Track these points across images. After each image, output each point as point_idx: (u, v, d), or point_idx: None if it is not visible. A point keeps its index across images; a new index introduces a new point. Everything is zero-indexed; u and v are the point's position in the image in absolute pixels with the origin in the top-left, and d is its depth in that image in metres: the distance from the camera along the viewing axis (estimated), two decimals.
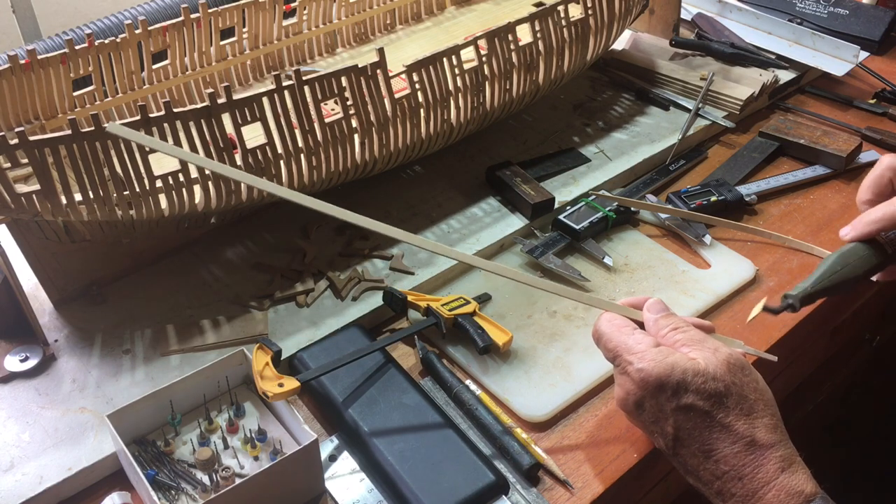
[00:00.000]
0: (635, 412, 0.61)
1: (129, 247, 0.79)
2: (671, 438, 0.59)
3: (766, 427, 0.58)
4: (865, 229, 0.70)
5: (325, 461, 0.65)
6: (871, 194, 0.73)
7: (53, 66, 0.83)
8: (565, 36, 0.91)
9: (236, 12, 0.95)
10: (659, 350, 0.60)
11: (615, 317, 0.64)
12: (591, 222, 0.85)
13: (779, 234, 0.88)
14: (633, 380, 0.60)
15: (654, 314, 0.64)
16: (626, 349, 0.61)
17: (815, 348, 0.94)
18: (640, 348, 0.60)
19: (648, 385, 0.59)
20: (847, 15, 1.21)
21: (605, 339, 0.63)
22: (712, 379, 0.58)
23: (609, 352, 0.63)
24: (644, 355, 0.60)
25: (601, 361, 0.73)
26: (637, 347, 0.60)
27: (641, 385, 0.59)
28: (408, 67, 0.80)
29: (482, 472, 0.62)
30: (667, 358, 0.59)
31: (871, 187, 0.73)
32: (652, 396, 0.59)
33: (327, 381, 0.69)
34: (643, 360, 0.59)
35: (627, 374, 0.60)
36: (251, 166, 0.72)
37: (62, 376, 0.71)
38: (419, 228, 0.87)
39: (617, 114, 1.06)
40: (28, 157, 0.63)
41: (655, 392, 0.59)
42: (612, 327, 0.63)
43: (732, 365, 0.59)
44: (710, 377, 0.58)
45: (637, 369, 0.59)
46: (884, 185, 0.72)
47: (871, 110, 1.09)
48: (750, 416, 0.58)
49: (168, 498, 0.61)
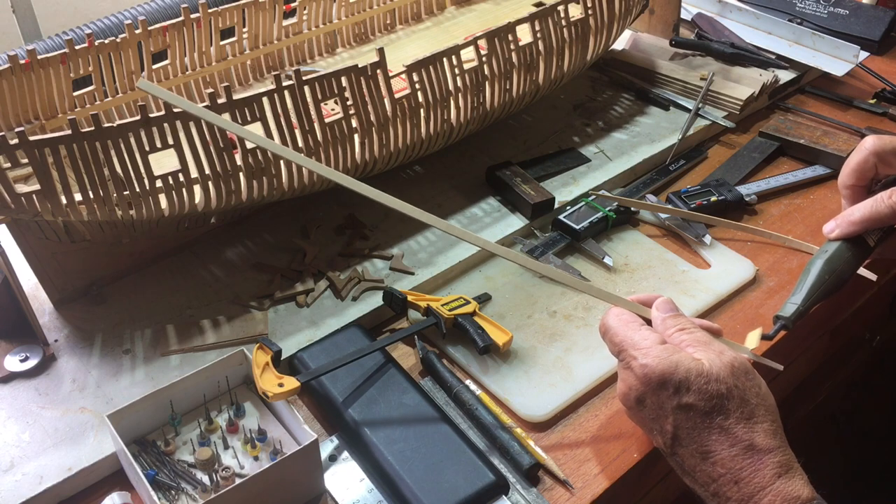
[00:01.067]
0: (636, 408, 0.61)
1: (129, 247, 0.79)
2: (670, 437, 0.59)
3: (765, 432, 0.57)
4: (851, 229, 0.70)
5: (325, 461, 0.65)
6: (854, 179, 0.72)
7: (53, 66, 0.83)
8: (565, 36, 0.91)
9: (236, 12, 0.95)
10: (664, 348, 0.60)
11: (623, 312, 0.64)
12: (591, 222, 0.85)
13: (779, 234, 0.88)
14: (636, 375, 0.60)
15: (663, 313, 0.64)
16: (631, 344, 0.61)
17: (815, 348, 0.94)
18: (645, 344, 0.60)
19: (651, 381, 0.59)
20: (847, 15, 1.21)
21: (611, 332, 0.63)
22: (715, 381, 0.58)
23: (615, 346, 0.63)
24: (649, 351, 0.60)
25: (601, 361, 0.73)
26: (643, 343, 0.60)
27: (644, 380, 0.59)
28: (408, 67, 0.80)
29: (482, 472, 0.62)
30: (671, 356, 0.59)
31: (855, 172, 0.71)
32: (653, 393, 0.59)
33: (327, 381, 0.69)
34: (647, 356, 0.59)
35: (631, 368, 0.60)
36: (251, 166, 0.72)
37: (62, 376, 0.71)
38: (419, 228, 0.87)
39: (617, 114, 1.06)
40: (28, 157, 0.63)
41: (657, 389, 0.59)
42: (620, 322, 0.63)
43: (736, 369, 0.59)
44: (712, 378, 0.58)
45: (641, 364, 0.59)
46: (867, 169, 0.71)
47: (871, 110, 1.08)
48: (750, 420, 0.58)
49: (168, 498, 0.61)
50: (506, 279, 0.82)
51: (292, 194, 0.79)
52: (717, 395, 0.58)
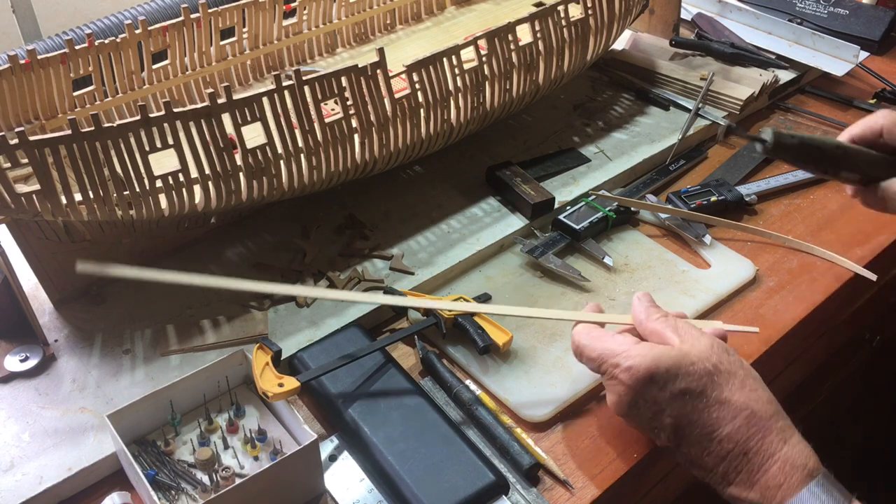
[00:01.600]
0: (631, 412, 0.62)
1: (129, 247, 0.79)
2: (671, 430, 0.60)
3: (761, 400, 0.58)
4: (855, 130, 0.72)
5: (325, 461, 0.65)
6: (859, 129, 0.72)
7: (53, 66, 0.83)
8: (565, 36, 0.91)
9: (236, 12, 0.95)
10: (642, 345, 0.61)
11: (588, 326, 0.65)
12: (591, 222, 0.85)
13: (778, 234, 0.88)
14: (622, 380, 0.60)
15: (645, 302, 0.65)
16: (610, 353, 0.62)
17: (815, 348, 0.94)
18: (623, 349, 0.61)
19: (639, 380, 0.59)
20: (847, 15, 1.21)
21: (586, 349, 0.64)
22: (699, 360, 0.59)
23: (592, 361, 0.63)
24: (629, 353, 0.60)
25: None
26: (620, 349, 0.61)
27: (632, 382, 0.60)
28: (408, 67, 0.80)
29: (482, 472, 0.62)
30: (651, 351, 0.60)
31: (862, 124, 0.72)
32: (644, 391, 0.60)
33: (327, 381, 0.69)
34: (629, 359, 0.60)
35: (615, 376, 0.61)
36: (251, 166, 0.72)
37: (62, 376, 0.71)
38: (419, 228, 0.87)
39: (617, 114, 1.06)
40: (28, 157, 0.63)
41: (647, 385, 0.59)
42: (591, 337, 0.64)
43: (717, 345, 0.60)
44: (696, 359, 0.59)
45: (625, 368, 0.60)
46: (875, 130, 0.71)
47: (871, 110, 1.08)
48: (743, 389, 0.58)
49: (168, 498, 0.61)
50: (506, 279, 0.82)
51: (292, 194, 0.79)
52: (706, 374, 0.58)
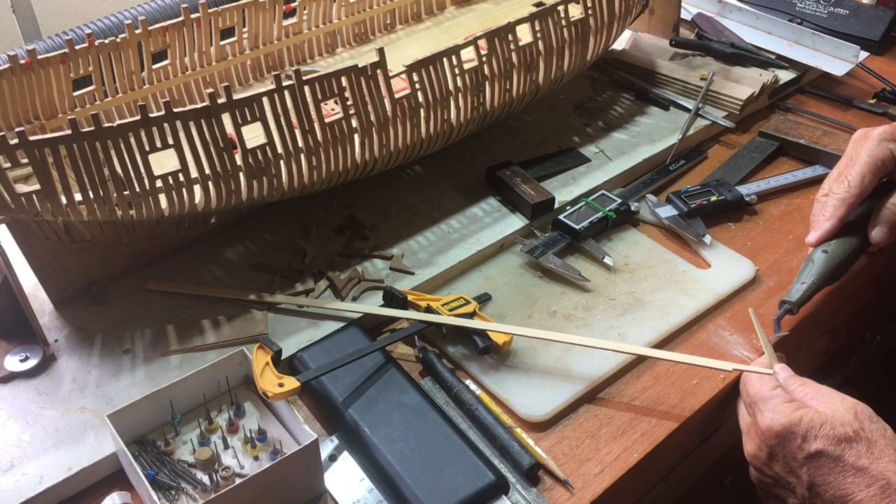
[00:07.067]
0: (768, 464, 0.64)
1: (129, 247, 0.79)
2: (806, 488, 0.61)
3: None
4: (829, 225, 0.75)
5: (325, 461, 0.65)
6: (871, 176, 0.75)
7: (53, 66, 0.83)
8: (565, 36, 0.91)
9: (236, 12, 0.95)
10: (790, 404, 0.63)
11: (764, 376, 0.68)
12: (591, 222, 0.85)
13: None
14: (761, 430, 0.63)
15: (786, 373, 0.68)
16: (761, 398, 0.65)
17: (815, 348, 0.94)
18: (774, 401, 0.64)
19: (776, 433, 0.62)
20: (847, 15, 1.21)
21: (750, 388, 0.67)
22: (840, 425, 0.60)
23: (749, 396, 0.67)
24: (775, 407, 0.63)
25: (601, 361, 0.73)
26: (772, 400, 0.64)
27: (769, 434, 0.62)
28: (408, 67, 0.80)
29: (482, 472, 0.62)
30: (796, 411, 0.62)
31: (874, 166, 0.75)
32: (781, 445, 0.62)
33: (327, 381, 0.69)
34: (773, 411, 0.63)
35: (756, 423, 0.64)
36: (251, 166, 0.72)
37: (62, 376, 0.71)
38: (419, 228, 0.87)
39: (617, 114, 1.06)
40: (28, 157, 0.63)
41: (784, 441, 0.61)
42: (760, 380, 0.67)
43: (860, 413, 0.62)
44: (837, 424, 0.61)
45: (767, 418, 0.63)
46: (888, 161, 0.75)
47: (871, 110, 1.08)
48: (882, 459, 0.59)
49: (168, 498, 0.61)
50: (506, 279, 0.82)
51: (292, 194, 0.79)
52: (845, 439, 0.60)
